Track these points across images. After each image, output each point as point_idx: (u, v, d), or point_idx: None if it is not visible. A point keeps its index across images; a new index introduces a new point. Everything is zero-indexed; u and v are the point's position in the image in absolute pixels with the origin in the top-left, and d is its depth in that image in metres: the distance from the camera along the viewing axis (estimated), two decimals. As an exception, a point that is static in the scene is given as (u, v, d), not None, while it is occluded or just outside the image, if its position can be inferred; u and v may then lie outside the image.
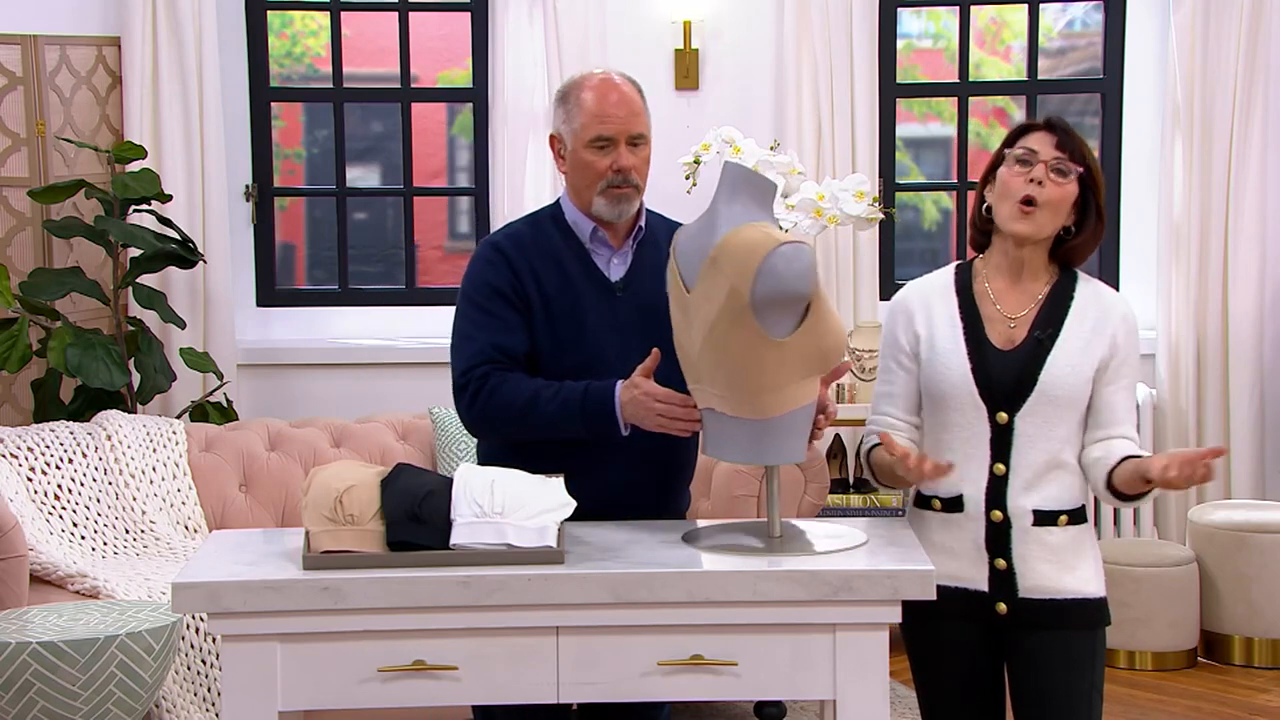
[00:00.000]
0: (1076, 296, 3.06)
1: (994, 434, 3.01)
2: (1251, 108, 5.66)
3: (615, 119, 3.19)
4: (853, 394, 5.36)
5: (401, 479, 2.93)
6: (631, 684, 2.87)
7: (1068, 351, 3.01)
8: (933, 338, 3.07)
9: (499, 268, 3.22)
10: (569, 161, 3.25)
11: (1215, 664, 5.32)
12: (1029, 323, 3.05)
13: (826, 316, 2.94)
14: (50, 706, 3.54)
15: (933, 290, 3.13)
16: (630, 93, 3.23)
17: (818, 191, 5.19)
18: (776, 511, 3.06)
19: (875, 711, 2.86)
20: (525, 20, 5.70)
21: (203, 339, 5.60)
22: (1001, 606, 3.03)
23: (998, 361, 3.02)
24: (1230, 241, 5.69)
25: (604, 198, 3.21)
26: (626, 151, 3.19)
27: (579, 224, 3.26)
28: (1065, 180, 3.01)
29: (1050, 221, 3.02)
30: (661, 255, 3.23)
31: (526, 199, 5.72)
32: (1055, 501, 3.02)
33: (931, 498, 3.09)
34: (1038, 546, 3.02)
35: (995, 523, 3.02)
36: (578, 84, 3.24)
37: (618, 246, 3.27)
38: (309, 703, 2.86)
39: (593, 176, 3.20)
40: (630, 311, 3.23)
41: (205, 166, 5.59)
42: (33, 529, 4.39)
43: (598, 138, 3.19)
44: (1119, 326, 3.05)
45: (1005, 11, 6.21)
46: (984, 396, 3.01)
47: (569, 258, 3.24)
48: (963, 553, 3.05)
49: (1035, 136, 3.05)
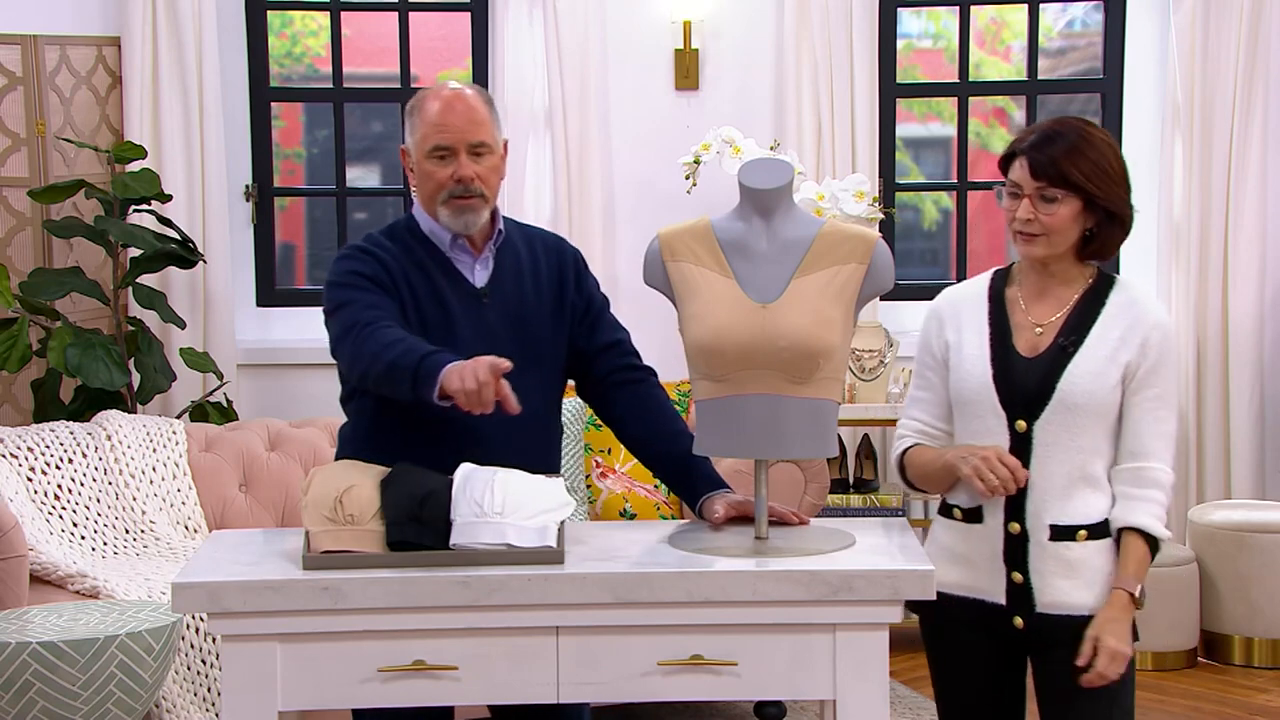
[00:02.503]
0: (1108, 303, 2.98)
1: (1013, 442, 2.95)
2: (1251, 108, 5.66)
3: (453, 128, 3.12)
4: (852, 394, 5.37)
5: (401, 479, 2.93)
6: (631, 684, 2.87)
7: (1091, 359, 2.94)
8: (961, 345, 3.03)
9: (369, 263, 3.16)
10: (417, 173, 3.19)
11: (1215, 664, 5.33)
12: (1056, 329, 2.98)
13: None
14: (50, 706, 3.54)
15: (966, 297, 3.08)
16: (475, 103, 3.16)
17: (818, 191, 5.20)
18: (764, 513, 3.05)
19: (875, 711, 2.86)
20: (525, 20, 5.70)
21: (203, 339, 5.60)
22: (1018, 621, 2.98)
23: (1020, 368, 2.96)
24: (1230, 241, 5.69)
25: (446, 208, 3.15)
26: (468, 161, 3.13)
27: (436, 233, 3.21)
28: (1054, 206, 2.92)
29: (1056, 243, 2.95)
30: (521, 260, 3.23)
31: (526, 199, 5.73)
32: (1075, 515, 2.95)
33: (954, 506, 3.05)
34: (1055, 561, 2.95)
35: (1013, 535, 2.97)
36: (423, 96, 3.19)
37: (478, 253, 3.22)
38: (309, 703, 2.86)
39: (434, 187, 3.15)
40: (497, 317, 3.18)
41: (205, 166, 5.59)
42: (33, 529, 4.39)
43: (436, 147, 3.13)
44: (1150, 334, 2.94)
45: (1005, 11, 6.21)
46: (1004, 403, 2.96)
47: (433, 266, 3.19)
48: (981, 564, 3.00)
49: (1016, 165, 2.96)
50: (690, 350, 3.01)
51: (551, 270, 3.27)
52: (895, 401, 5.39)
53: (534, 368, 3.17)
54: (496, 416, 2.90)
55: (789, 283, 2.97)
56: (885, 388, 5.40)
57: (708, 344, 2.97)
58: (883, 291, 3.04)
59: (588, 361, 3.30)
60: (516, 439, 3.09)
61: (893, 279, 3.03)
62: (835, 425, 3.01)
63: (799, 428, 2.97)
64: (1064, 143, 2.92)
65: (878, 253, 3.01)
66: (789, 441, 2.98)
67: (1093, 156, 2.93)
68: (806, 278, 2.97)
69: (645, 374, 3.33)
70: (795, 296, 2.96)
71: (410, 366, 2.91)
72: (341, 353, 3.09)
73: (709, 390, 3.00)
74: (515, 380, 3.12)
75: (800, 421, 2.97)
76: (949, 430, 3.08)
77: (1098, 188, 2.92)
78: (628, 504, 4.92)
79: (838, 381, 2.99)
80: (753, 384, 2.96)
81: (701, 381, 3.01)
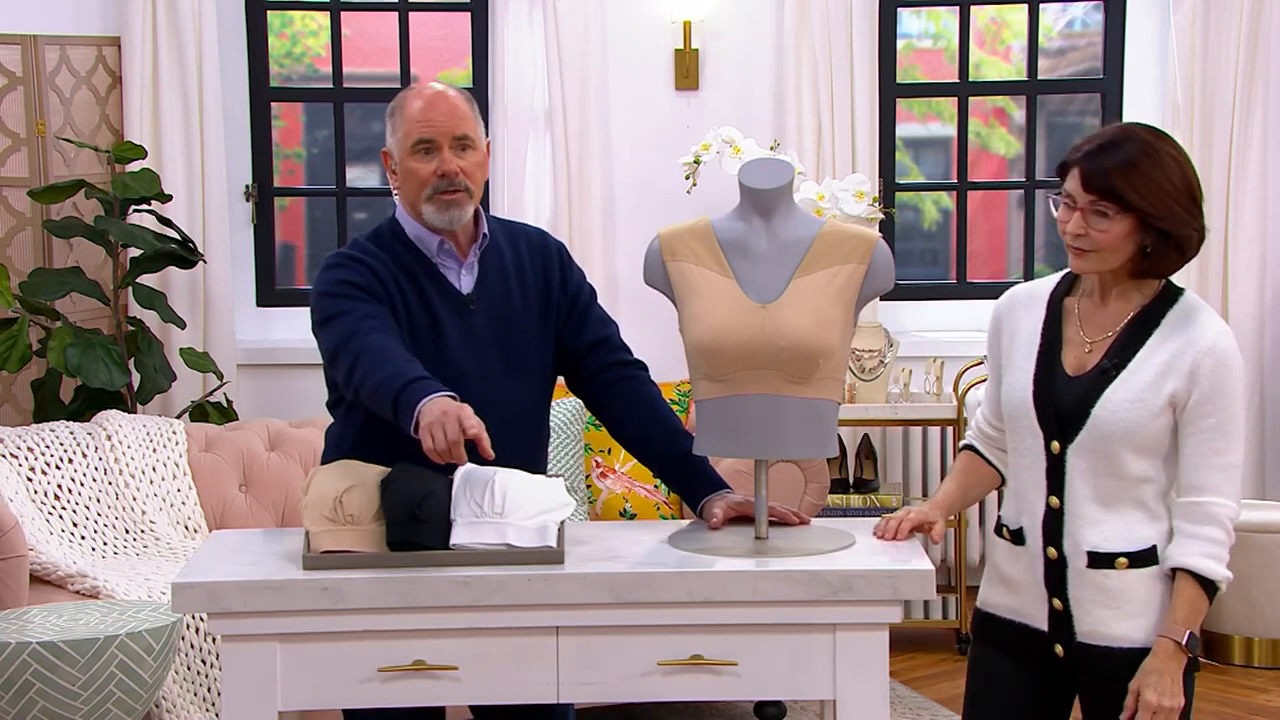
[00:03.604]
0: (1163, 324, 2.81)
1: (1048, 464, 2.85)
2: (1251, 108, 5.66)
3: (436, 123, 3.11)
4: (852, 394, 5.37)
5: (401, 479, 2.93)
6: (631, 684, 2.86)
7: (1131, 386, 2.78)
8: (1012, 351, 2.93)
9: (360, 271, 3.12)
10: (399, 174, 3.16)
11: (1215, 664, 5.32)
12: (1104, 349, 2.83)
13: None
14: (50, 706, 3.54)
15: (1030, 298, 2.95)
16: (457, 100, 3.15)
17: (818, 191, 5.19)
18: (764, 513, 3.05)
19: (875, 711, 2.86)
20: (525, 20, 5.70)
21: (203, 339, 5.60)
22: (1059, 648, 2.88)
23: (1062, 388, 2.84)
24: (1230, 241, 5.69)
25: (432, 204, 3.12)
26: (451, 155, 3.11)
27: (423, 238, 3.17)
28: (1106, 222, 2.75)
29: (1108, 259, 2.79)
30: (506, 262, 3.20)
31: (526, 199, 5.73)
32: (1114, 542, 2.81)
33: (1003, 525, 2.97)
34: (1093, 589, 2.82)
35: (1051, 560, 2.86)
36: (404, 96, 3.18)
37: (464, 258, 3.19)
38: (309, 703, 2.86)
39: (418, 183, 3.12)
40: (483, 324, 3.16)
41: (205, 166, 5.59)
42: (33, 529, 4.39)
43: (419, 141, 3.11)
44: (1200, 361, 2.76)
45: (1005, 11, 6.21)
46: (1041, 423, 2.85)
47: (420, 273, 3.15)
48: (1025, 588, 2.91)
49: (1071, 176, 2.78)
50: (690, 350, 3.01)
51: (536, 270, 3.25)
52: (895, 401, 5.39)
53: (521, 373, 3.17)
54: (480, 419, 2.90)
55: (789, 283, 2.97)
56: (885, 388, 5.40)
57: (708, 344, 2.97)
58: (883, 291, 3.03)
59: (577, 359, 3.28)
60: (503, 445, 3.08)
61: (893, 279, 3.03)
62: (835, 425, 3.01)
63: (799, 428, 2.97)
64: (1121, 155, 2.74)
65: (878, 253, 3.01)
66: (789, 441, 2.98)
67: (1152, 173, 2.73)
68: (806, 278, 2.97)
69: (636, 369, 3.31)
70: (795, 296, 2.95)
71: (390, 396, 2.88)
72: (339, 366, 3.05)
73: (709, 390, 2.99)
74: (503, 386, 3.12)
75: (800, 421, 2.96)
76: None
77: (1153, 207, 2.74)
78: (628, 504, 4.92)
79: (838, 381, 2.99)
80: (753, 384, 2.96)
81: (701, 381, 3.01)
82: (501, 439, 3.06)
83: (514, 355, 3.16)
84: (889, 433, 5.78)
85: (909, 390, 5.46)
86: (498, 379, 3.14)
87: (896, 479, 5.79)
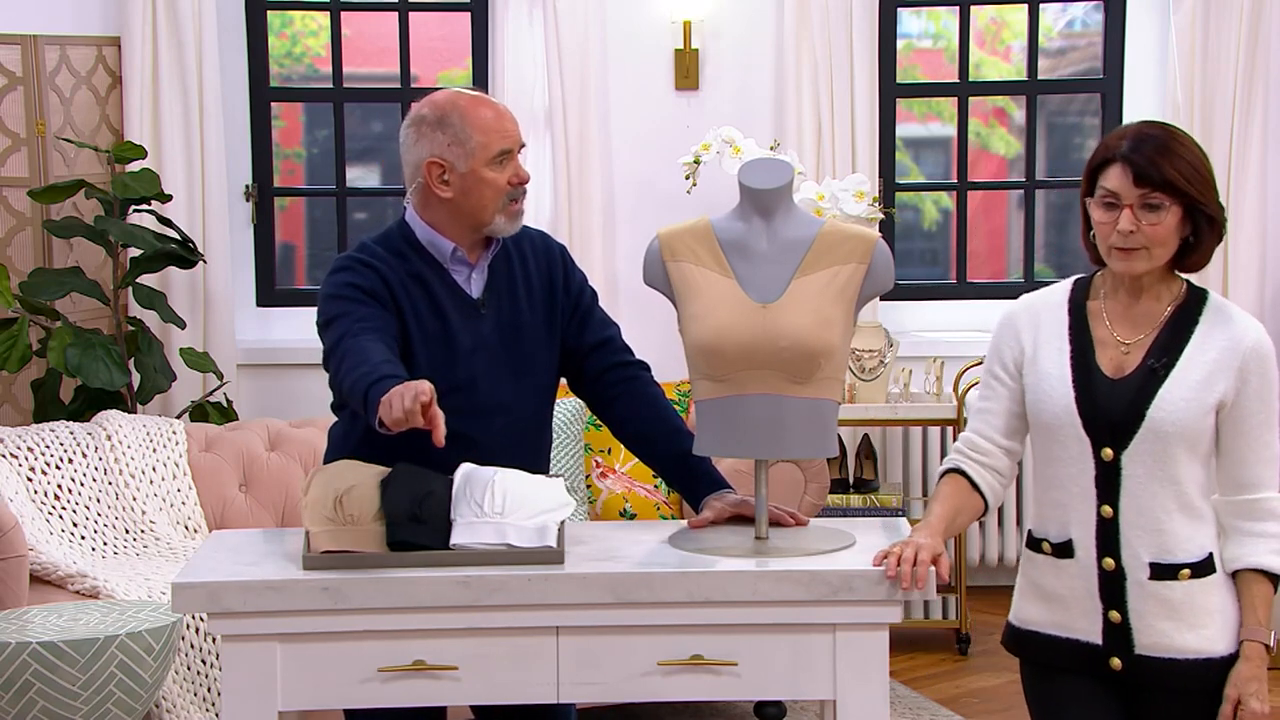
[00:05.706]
0: (1201, 321, 2.77)
1: (1099, 472, 2.76)
2: (1251, 108, 5.66)
3: (512, 132, 3.12)
4: (852, 394, 5.37)
5: (402, 479, 2.93)
6: (631, 684, 2.87)
7: (1184, 384, 2.73)
8: (1037, 357, 2.83)
9: (367, 275, 3.10)
10: (458, 185, 3.09)
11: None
12: (1145, 349, 2.77)
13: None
14: (50, 706, 3.54)
15: (1046, 305, 2.87)
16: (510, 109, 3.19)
17: (818, 191, 5.19)
18: (764, 513, 3.05)
19: (875, 711, 2.86)
20: (525, 20, 5.70)
21: (203, 339, 5.60)
22: (1115, 662, 2.79)
23: (1105, 391, 2.75)
24: (1230, 241, 5.69)
25: (505, 215, 3.12)
26: (519, 163, 3.15)
27: (436, 244, 3.14)
28: (1158, 214, 2.70)
29: (1158, 255, 2.74)
30: (514, 266, 3.20)
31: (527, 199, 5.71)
32: (1176, 553, 2.74)
33: (1041, 540, 2.86)
34: (1155, 602, 2.74)
35: (1108, 571, 2.77)
36: (457, 106, 3.10)
37: (475, 262, 3.17)
38: (309, 703, 2.86)
39: (495, 193, 3.10)
40: (493, 329, 3.15)
41: (205, 166, 5.59)
42: (33, 529, 4.39)
43: (503, 151, 3.10)
44: (1248, 360, 2.73)
45: (1005, 11, 6.21)
46: (1088, 430, 2.75)
47: (432, 278, 3.13)
48: (1074, 602, 2.81)
49: (1113, 174, 2.73)
50: (690, 350, 3.01)
51: (541, 273, 3.25)
52: (895, 401, 5.39)
53: (529, 376, 3.17)
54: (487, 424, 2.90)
55: (789, 283, 2.97)
56: (885, 388, 5.40)
57: (708, 344, 2.96)
58: (883, 291, 3.04)
59: (579, 360, 3.28)
60: (507, 447, 3.08)
61: (893, 279, 3.03)
62: (835, 425, 3.01)
63: (799, 428, 2.97)
64: (1157, 144, 2.72)
65: (878, 253, 3.01)
66: (789, 441, 2.98)
67: (1187, 157, 2.72)
68: (807, 278, 2.97)
69: (638, 370, 3.31)
70: (795, 296, 2.95)
71: (362, 391, 2.87)
72: (330, 368, 3.06)
73: (709, 390, 2.99)
74: (511, 390, 3.12)
75: (800, 421, 2.96)
76: (1007, 447, 2.90)
77: (1198, 191, 2.71)
78: (628, 504, 4.92)
79: (838, 381, 2.99)
80: (753, 384, 2.96)
81: (702, 381, 3.01)
82: (508, 442, 3.07)
83: (522, 359, 3.16)
84: (889, 433, 5.78)
85: (909, 390, 5.46)
86: (507, 383, 3.15)
87: (896, 479, 5.79)
